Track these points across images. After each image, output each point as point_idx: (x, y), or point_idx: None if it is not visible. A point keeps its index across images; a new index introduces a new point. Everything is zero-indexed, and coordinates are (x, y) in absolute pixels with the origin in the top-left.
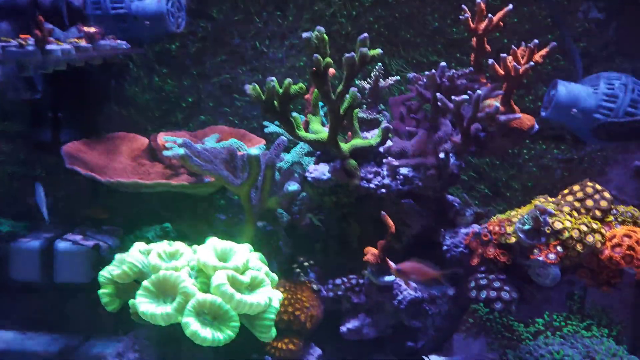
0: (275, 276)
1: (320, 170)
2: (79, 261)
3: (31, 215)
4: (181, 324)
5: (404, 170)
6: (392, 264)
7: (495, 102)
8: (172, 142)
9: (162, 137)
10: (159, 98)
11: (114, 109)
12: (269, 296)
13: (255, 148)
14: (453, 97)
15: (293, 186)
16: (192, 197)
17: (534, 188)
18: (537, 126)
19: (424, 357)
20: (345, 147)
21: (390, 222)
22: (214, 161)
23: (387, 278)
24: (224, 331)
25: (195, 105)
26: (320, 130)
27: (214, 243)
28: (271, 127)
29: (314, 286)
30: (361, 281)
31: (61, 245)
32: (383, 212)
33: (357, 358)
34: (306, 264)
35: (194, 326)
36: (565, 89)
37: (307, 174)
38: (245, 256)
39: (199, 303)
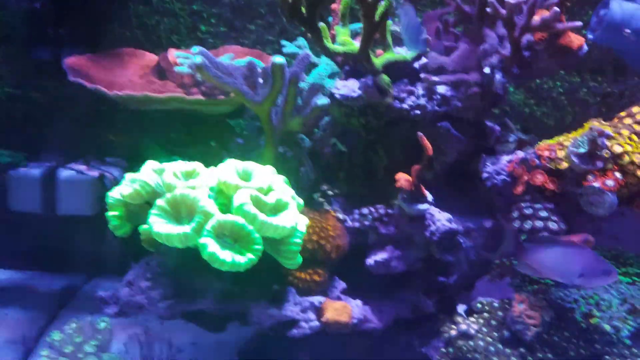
0: (301, 201)
1: (350, 87)
2: (83, 192)
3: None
4: (198, 246)
5: (441, 89)
6: (426, 191)
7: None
8: (184, 58)
9: (174, 53)
10: (168, 21)
11: (120, 29)
12: (295, 220)
13: (279, 56)
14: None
15: (322, 99)
16: (206, 121)
17: (570, 125)
18: (586, 47)
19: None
20: (377, 61)
21: (428, 144)
22: (233, 74)
23: (421, 206)
24: (245, 254)
25: (205, 31)
26: (349, 42)
27: (234, 163)
28: (289, 47)
29: (340, 215)
30: (390, 211)
31: (64, 173)
32: (420, 133)
33: (384, 293)
34: (330, 192)
35: (212, 247)
36: (619, 6)
37: (334, 91)
38: (269, 177)
39: (220, 224)
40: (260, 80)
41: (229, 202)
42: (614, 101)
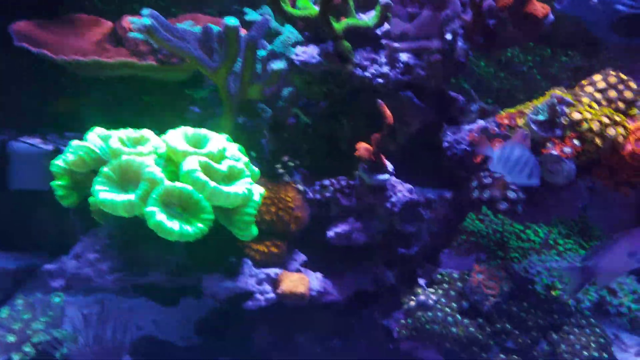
0: (256, 169)
1: (310, 53)
2: (36, 165)
3: None
4: (144, 215)
5: (404, 57)
6: (387, 161)
7: None
8: (139, 24)
9: (128, 19)
10: None
11: None
12: (248, 188)
13: (233, 18)
14: None
15: (279, 64)
16: (161, 89)
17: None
18: (552, 16)
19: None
20: (337, 26)
21: (388, 112)
22: (187, 39)
23: (381, 176)
24: (194, 224)
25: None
26: (309, 6)
27: (185, 129)
28: (251, 15)
29: (300, 187)
30: (352, 182)
31: (15, 146)
32: (380, 101)
33: (345, 265)
34: (291, 164)
35: (159, 216)
36: None
37: (293, 57)
38: (221, 143)
39: (166, 191)
40: (217, 45)
41: (179, 170)
42: (584, 76)
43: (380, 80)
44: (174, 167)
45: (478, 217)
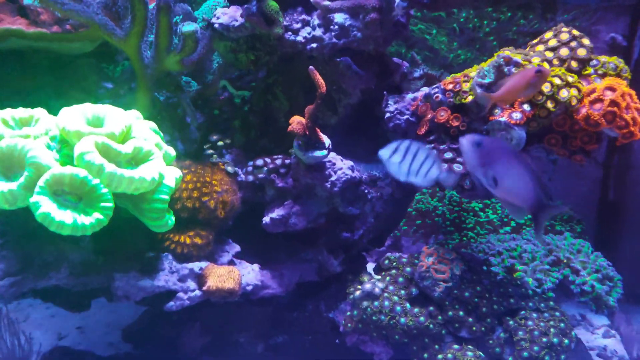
0: (171, 150)
1: (231, 15)
2: None
3: None
4: (29, 206)
5: (339, 18)
6: (323, 135)
7: None
8: None
9: None
10: None
11: None
12: (158, 171)
13: None
14: None
15: (188, 26)
16: (70, 64)
17: None
18: None
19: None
20: None
21: (321, 80)
22: (87, 2)
23: (317, 153)
24: (90, 214)
25: None
26: None
27: (82, 107)
28: None
29: (229, 168)
30: (288, 161)
31: None
32: (311, 67)
33: (285, 253)
34: (220, 143)
35: (46, 207)
36: None
37: (213, 20)
38: (125, 121)
39: (55, 178)
40: (123, 10)
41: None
42: None
43: (313, 45)
44: (70, 151)
45: (432, 196)
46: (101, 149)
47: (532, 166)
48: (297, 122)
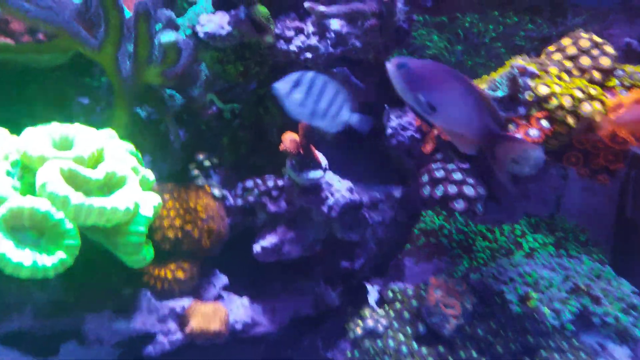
0: (149, 174)
1: (217, 22)
2: None
3: None
4: None
5: (335, 25)
6: (319, 153)
7: None
8: None
9: None
10: None
11: None
12: (134, 200)
13: None
14: None
15: (167, 36)
16: (43, 78)
17: None
18: None
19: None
20: None
21: None
22: (56, 8)
23: (313, 174)
24: (52, 253)
25: None
26: None
27: (50, 128)
28: None
29: (216, 191)
30: (281, 183)
31: None
32: None
33: (279, 285)
34: (207, 163)
35: (2, 246)
36: None
37: (197, 28)
38: (97, 143)
39: (13, 212)
40: (98, 18)
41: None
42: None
43: (308, 54)
44: (33, 178)
45: (437, 214)
46: (68, 176)
47: (478, 89)
48: (289, 140)
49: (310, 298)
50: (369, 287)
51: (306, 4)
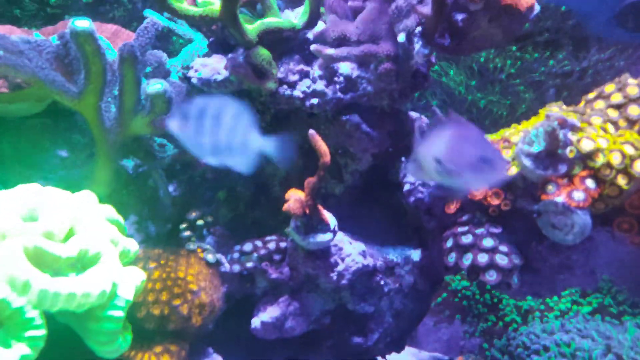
0: (131, 245)
1: (213, 67)
2: None
3: None
4: None
5: (345, 68)
6: (327, 213)
7: None
8: None
9: None
10: None
11: None
12: (110, 280)
13: (84, 18)
14: None
15: (154, 87)
16: (17, 128)
17: (525, 115)
18: (537, 7)
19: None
20: (251, 28)
21: (324, 147)
22: (29, 53)
23: (321, 237)
24: (10, 346)
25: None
26: (209, 1)
27: (16, 192)
28: (153, 16)
29: (209, 256)
30: (284, 245)
31: None
32: (312, 131)
33: None
34: (200, 222)
35: None
36: None
37: (190, 74)
38: (69, 212)
39: None
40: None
41: None
42: (575, 82)
43: (314, 100)
44: None
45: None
46: (33, 255)
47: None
48: (294, 199)
49: None
50: None
51: (313, 47)
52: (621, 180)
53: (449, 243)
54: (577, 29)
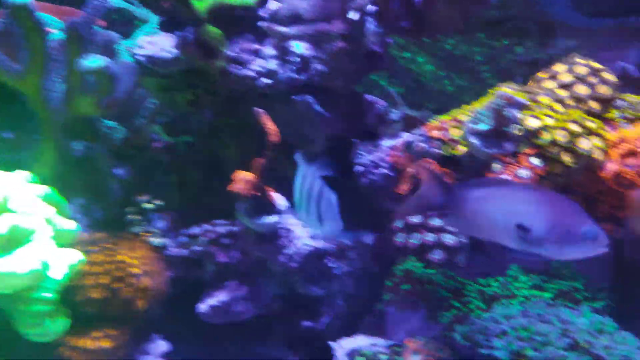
0: (69, 224)
1: (160, 45)
2: None
3: None
4: None
5: (298, 48)
6: (277, 195)
7: None
8: None
9: None
10: None
11: None
12: (42, 259)
13: None
14: None
15: (92, 61)
16: None
17: None
18: None
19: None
20: (200, 4)
21: (271, 125)
22: None
23: (269, 219)
24: None
25: None
26: None
27: None
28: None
29: (155, 240)
30: (234, 229)
31: None
32: (258, 109)
33: (229, 349)
34: (149, 205)
35: None
36: None
37: (136, 51)
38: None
39: None
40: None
41: None
42: (542, 69)
43: (267, 80)
44: None
45: None
46: None
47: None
48: (241, 179)
49: None
50: (338, 349)
51: (262, 24)
52: (566, 158)
53: (399, 224)
54: (543, 16)
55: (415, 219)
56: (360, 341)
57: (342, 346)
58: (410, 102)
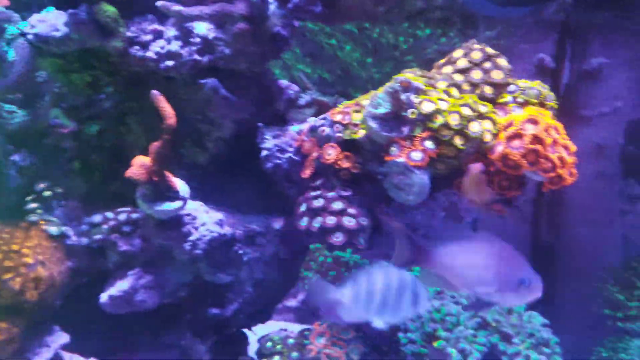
0: None
1: (51, 23)
2: None
3: None
4: None
5: (201, 29)
6: (177, 180)
7: None
8: None
9: None
10: None
11: None
12: None
13: None
14: None
15: None
16: None
17: None
18: None
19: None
20: None
21: (168, 109)
22: None
23: (170, 205)
24: None
25: None
26: None
27: None
28: None
29: (53, 229)
30: (136, 216)
31: None
32: (154, 92)
33: (136, 339)
34: (48, 193)
35: None
36: None
37: (26, 29)
38: None
39: None
40: None
41: None
42: None
43: (169, 62)
44: None
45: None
46: None
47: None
48: (138, 164)
49: (176, 353)
50: (251, 336)
51: (159, 3)
52: (457, 141)
53: (303, 207)
54: (465, 7)
55: (318, 203)
56: (271, 326)
57: (255, 332)
58: (340, 90)
